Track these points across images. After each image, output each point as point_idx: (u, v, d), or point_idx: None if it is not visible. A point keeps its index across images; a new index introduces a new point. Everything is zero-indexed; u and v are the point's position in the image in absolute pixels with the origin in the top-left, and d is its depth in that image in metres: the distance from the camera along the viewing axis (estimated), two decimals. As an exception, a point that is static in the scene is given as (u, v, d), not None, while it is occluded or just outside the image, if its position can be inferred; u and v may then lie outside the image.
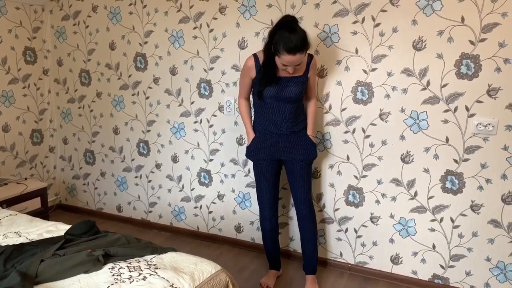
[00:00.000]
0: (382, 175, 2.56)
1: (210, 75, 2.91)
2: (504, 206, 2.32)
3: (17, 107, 3.28)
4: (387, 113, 2.48)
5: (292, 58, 2.06)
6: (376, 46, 2.44)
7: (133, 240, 1.94)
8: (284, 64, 2.10)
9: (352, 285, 2.61)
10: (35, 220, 2.23)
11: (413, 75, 2.39)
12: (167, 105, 3.10)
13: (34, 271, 1.60)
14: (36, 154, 3.49)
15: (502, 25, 2.17)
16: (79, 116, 3.47)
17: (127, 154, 3.34)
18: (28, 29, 3.31)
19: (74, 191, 3.64)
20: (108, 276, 1.62)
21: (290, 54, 2.04)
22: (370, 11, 2.41)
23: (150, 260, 1.76)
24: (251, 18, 2.71)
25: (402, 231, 2.57)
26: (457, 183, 2.39)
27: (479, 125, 2.29)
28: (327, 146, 2.65)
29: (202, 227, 3.16)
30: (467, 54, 2.26)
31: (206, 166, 3.06)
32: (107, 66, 3.27)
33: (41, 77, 3.46)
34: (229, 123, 2.91)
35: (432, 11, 2.29)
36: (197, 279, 1.66)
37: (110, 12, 3.17)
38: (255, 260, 2.88)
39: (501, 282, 2.39)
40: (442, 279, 2.52)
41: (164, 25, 2.99)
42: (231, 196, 3.01)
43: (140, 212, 3.38)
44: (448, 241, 2.47)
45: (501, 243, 2.35)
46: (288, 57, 2.05)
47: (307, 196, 2.42)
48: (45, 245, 1.84)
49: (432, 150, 2.42)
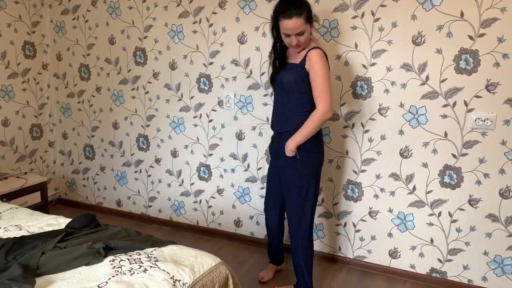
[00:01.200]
0: (381, 169, 2.57)
1: (210, 70, 2.91)
2: (502, 200, 2.33)
3: (17, 101, 3.28)
4: (386, 108, 2.49)
5: (289, 23, 1.98)
6: (376, 41, 2.44)
7: (134, 233, 1.95)
8: (285, 33, 2.04)
9: (350, 279, 2.63)
10: (36, 214, 2.24)
11: (412, 70, 2.40)
12: (166, 100, 3.10)
13: (35, 263, 1.61)
14: (35, 149, 3.49)
15: (501, 20, 2.17)
16: (79, 110, 3.47)
17: (126, 148, 3.34)
18: (28, 24, 3.30)
19: (73, 186, 3.65)
20: (109, 268, 1.63)
21: (286, 19, 1.99)
22: (370, 6, 2.41)
23: (151, 253, 1.77)
24: (250, 12, 2.71)
25: (400, 225, 2.58)
26: (456, 178, 2.41)
27: (478, 120, 2.30)
28: (326, 141, 2.66)
29: (202, 221, 3.18)
30: (466, 49, 2.27)
31: (205, 160, 3.07)
32: (107, 61, 3.27)
33: (41, 71, 3.46)
34: (228, 118, 2.92)
35: (432, 6, 2.29)
36: (197, 272, 1.68)
37: (109, 7, 3.16)
38: (254, 254, 2.90)
39: (498, 275, 2.41)
40: (440, 273, 2.54)
41: (164, 19, 2.99)
42: (231, 190, 3.02)
43: (140, 207, 3.39)
44: (446, 235, 2.49)
45: (498, 237, 2.37)
46: (285, 22, 2.00)
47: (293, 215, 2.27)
48: (46, 238, 1.85)
49: (431, 144, 2.43)
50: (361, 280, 2.62)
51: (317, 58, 2.04)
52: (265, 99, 2.79)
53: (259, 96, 2.80)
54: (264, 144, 2.84)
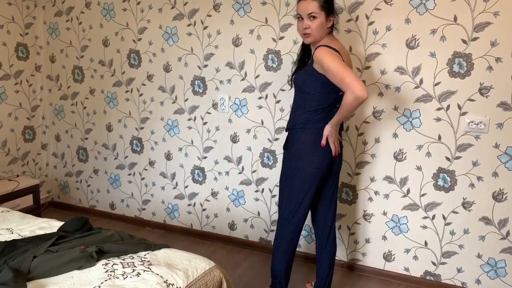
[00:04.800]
0: (375, 172, 2.58)
1: (204, 72, 2.91)
2: (495, 203, 2.34)
3: (9, 103, 3.26)
4: (380, 111, 2.50)
5: (303, 4, 1.93)
6: (370, 45, 2.45)
7: (127, 236, 1.94)
8: (298, 15, 1.98)
9: (345, 282, 2.63)
10: (28, 217, 2.21)
11: (406, 73, 2.41)
12: (160, 102, 3.09)
13: (27, 267, 1.59)
14: (28, 151, 3.46)
15: (494, 24, 2.19)
16: (72, 113, 3.45)
17: (120, 151, 3.32)
18: (21, 25, 3.28)
19: (66, 189, 3.62)
20: (101, 272, 1.61)
21: (302, 0, 1.94)
22: (364, 9, 2.42)
23: (144, 257, 1.76)
24: (245, 15, 2.71)
25: (394, 228, 2.59)
26: (449, 181, 2.42)
27: (471, 123, 2.31)
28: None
29: (196, 224, 3.16)
30: (459, 52, 2.28)
31: (199, 163, 3.05)
32: (101, 63, 3.25)
33: (34, 73, 3.44)
34: (223, 121, 2.91)
35: (425, 10, 2.30)
36: (191, 275, 1.67)
37: (103, 9, 3.15)
38: (248, 257, 2.89)
39: (491, 278, 2.42)
40: (434, 276, 2.54)
41: (158, 22, 2.98)
42: (225, 193, 3.01)
43: (134, 210, 3.37)
44: (440, 238, 2.49)
45: (492, 240, 2.38)
46: (301, 3, 1.94)
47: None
48: (38, 241, 1.83)
49: (425, 148, 2.44)
50: (355, 283, 2.62)
51: (321, 56, 1.91)
52: (259, 101, 2.78)
53: (254, 99, 2.80)
54: (259, 147, 2.84)
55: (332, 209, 2.22)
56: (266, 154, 2.83)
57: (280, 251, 2.18)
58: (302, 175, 2.06)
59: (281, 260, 2.19)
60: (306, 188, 2.07)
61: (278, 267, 2.20)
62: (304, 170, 2.05)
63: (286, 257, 2.19)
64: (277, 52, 2.68)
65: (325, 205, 2.21)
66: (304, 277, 2.64)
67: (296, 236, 2.17)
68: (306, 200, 2.09)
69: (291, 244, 2.17)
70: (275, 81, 2.72)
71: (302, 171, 2.06)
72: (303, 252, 2.81)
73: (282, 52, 2.66)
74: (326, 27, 1.98)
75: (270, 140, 2.81)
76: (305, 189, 2.07)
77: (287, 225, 2.14)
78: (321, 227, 2.24)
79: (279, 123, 2.76)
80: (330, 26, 2.00)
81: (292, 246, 2.18)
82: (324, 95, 2.00)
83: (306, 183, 2.07)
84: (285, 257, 2.19)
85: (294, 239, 2.17)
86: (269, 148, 2.82)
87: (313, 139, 2.05)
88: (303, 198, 2.08)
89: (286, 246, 2.17)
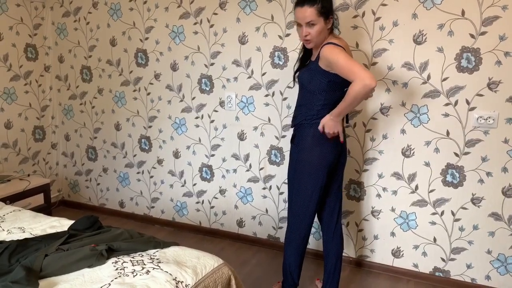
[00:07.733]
0: (383, 169, 2.57)
1: (211, 71, 2.92)
2: (505, 199, 2.33)
3: (19, 103, 3.30)
4: (388, 107, 2.49)
5: (299, 11, 1.92)
6: (377, 40, 2.44)
7: (136, 234, 1.95)
8: (297, 22, 1.97)
9: (353, 278, 2.63)
10: (39, 216, 2.24)
11: (413, 69, 2.39)
12: (168, 101, 3.11)
13: (38, 265, 1.61)
14: (38, 151, 3.50)
15: (503, 18, 2.17)
16: (81, 112, 3.48)
17: (129, 150, 3.35)
18: (29, 26, 3.31)
19: (76, 187, 3.66)
20: (111, 270, 1.63)
21: (298, 6, 1.93)
22: (370, 5, 2.41)
23: (153, 255, 1.77)
24: (251, 13, 2.71)
25: (403, 224, 2.58)
26: (458, 177, 2.40)
27: (480, 119, 2.29)
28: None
29: (204, 222, 3.18)
30: (467, 47, 2.26)
31: (207, 161, 3.07)
32: (108, 62, 3.27)
33: (43, 73, 3.47)
34: (230, 118, 2.92)
35: (433, 5, 2.28)
36: (200, 273, 1.68)
37: (110, 8, 3.17)
38: (257, 254, 2.90)
39: (501, 274, 2.40)
40: (443, 272, 2.53)
41: (165, 21, 2.99)
42: (233, 191, 3.02)
43: (143, 208, 3.40)
44: (449, 234, 2.48)
45: (501, 236, 2.36)
46: (297, 10, 1.93)
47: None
48: (49, 240, 1.86)
49: (433, 143, 2.42)
50: (364, 279, 2.62)
51: (328, 53, 1.91)
52: (266, 99, 2.79)
53: (261, 97, 2.80)
54: (266, 144, 2.84)
55: (338, 203, 2.24)
56: (274, 152, 2.84)
57: (293, 246, 2.21)
58: (311, 167, 2.07)
59: (294, 254, 2.22)
60: (315, 181, 2.08)
61: (291, 261, 2.23)
62: (312, 163, 2.07)
63: (298, 252, 2.22)
64: (284, 50, 2.68)
65: (331, 199, 2.23)
66: (313, 274, 2.64)
67: (308, 230, 2.19)
68: (315, 194, 2.10)
69: (303, 238, 2.20)
70: (282, 79, 2.72)
71: (311, 164, 2.07)
72: (312, 249, 2.81)
73: (289, 49, 2.66)
74: (327, 28, 1.98)
75: (277, 138, 2.81)
76: (314, 182, 2.08)
77: (298, 219, 2.16)
78: (327, 222, 2.26)
79: (286, 121, 2.76)
80: (330, 26, 2.00)
81: (304, 240, 2.21)
82: (330, 92, 2.01)
83: (315, 176, 2.08)
84: (298, 252, 2.22)
85: (306, 233, 2.20)
86: (276, 145, 2.82)
87: (320, 134, 2.06)
88: (313, 191, 2.10)
89: (299, 240, 2.20)
